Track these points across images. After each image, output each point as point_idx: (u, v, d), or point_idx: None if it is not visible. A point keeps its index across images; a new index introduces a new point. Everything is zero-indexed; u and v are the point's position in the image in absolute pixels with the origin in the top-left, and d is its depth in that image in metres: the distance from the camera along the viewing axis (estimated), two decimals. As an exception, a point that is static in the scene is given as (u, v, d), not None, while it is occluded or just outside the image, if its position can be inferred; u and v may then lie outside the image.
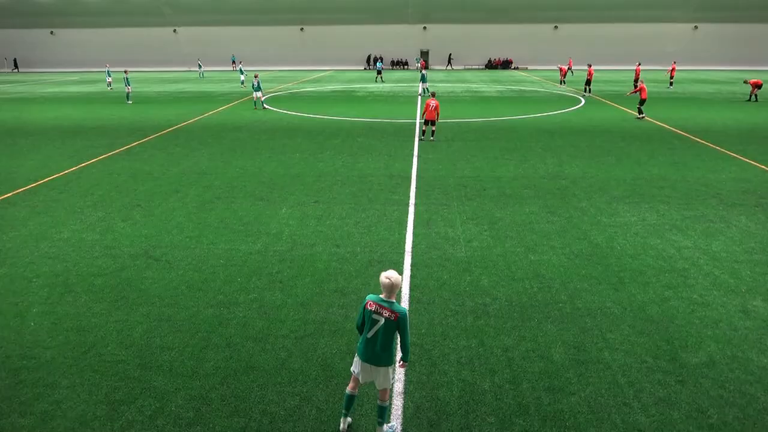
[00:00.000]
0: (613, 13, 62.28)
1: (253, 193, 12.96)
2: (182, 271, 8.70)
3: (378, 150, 17.71)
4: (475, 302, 7.61)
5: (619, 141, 18.99)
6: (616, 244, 9.63)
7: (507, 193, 12.76)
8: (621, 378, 5.92)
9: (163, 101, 33.11)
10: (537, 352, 6.41)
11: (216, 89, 40.36)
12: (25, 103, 33.34)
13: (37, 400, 5.65)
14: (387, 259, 9.05)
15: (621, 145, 18.32)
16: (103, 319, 7.24)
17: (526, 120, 24.04)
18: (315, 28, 66.47)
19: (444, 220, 10.95)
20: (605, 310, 7.37)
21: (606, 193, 12.71)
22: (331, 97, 34.81)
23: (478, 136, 20.04)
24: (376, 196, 12.59)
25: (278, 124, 23.43)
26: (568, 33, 64.15)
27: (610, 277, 8.34)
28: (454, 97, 34.05)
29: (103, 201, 12.49)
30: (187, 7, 64.53)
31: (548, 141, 19.05)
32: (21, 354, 6.46)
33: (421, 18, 64.98)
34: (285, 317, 7.26)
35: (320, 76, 52.83)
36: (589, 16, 62.84)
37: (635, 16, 62.60)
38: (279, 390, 5.79)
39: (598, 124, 22.86)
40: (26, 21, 66.64)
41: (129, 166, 15.91)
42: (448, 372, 6.07)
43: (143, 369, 6.16)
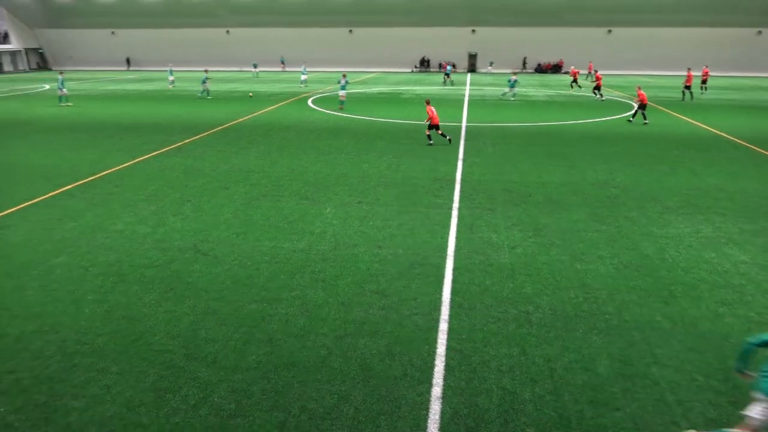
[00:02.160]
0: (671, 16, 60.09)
1: (298, 192, 13.15)
2: (228, 266, 8.92)
3: (423, 152, 17.68)
4: (518, 310, 7.49)
5: (673, 149, 18.32)
6: (667, 256, 9.29)
7: (553, 200, 12.51)
8: (669, 395, 5.71)
9: (215, 100, 34.03)
10: (581, 364, 6.25)
11: (266, 89, 41.18)
12: (85, 99, 34.89)
13: (89, 383, 5.90)
14: (429, 262, 9.01)
15: (675, 153, 17.67)
16: (153, 310, 7.50)
17: (576, 125, 23.50)
18: (363, 30, 66.92)
19: (488, 225, 10.82)
20: (654, 324, 7.13)
21: (658, 203, 12.28)
22: (378, 98, 34.97)
23: (525, 141, 19.73)
24: (419, 199, 12.57)
25: (325, 124, 23.71)
26: (622, 37, 62.35)
27: (660, 290, 8.05)
28: (502, 100, 33.62)
29: (156, 195, 12.94)
30: (240, 8, 66.10)
31: (598, 147, 18.57)
32: (76, 339, 6.77)
33: (470, 21, 64.45)
34: (326, 316, 7.33)
35: (367, 77, 53.18)
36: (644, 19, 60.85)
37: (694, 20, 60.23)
38: (318, 387, 5.85)
39: (650, 131, 22.11)
40: (88, 21, 69.80)
41: (181, 162, 16.43)
42: (488, 379, 5.99)
43: (189, 359, 6.34)
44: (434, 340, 6.75)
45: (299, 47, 67.48)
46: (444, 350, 6.54)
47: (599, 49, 62.58)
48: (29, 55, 72.34)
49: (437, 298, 7.81)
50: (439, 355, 6.43)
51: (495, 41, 64.40)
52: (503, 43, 64.12)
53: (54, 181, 14.22)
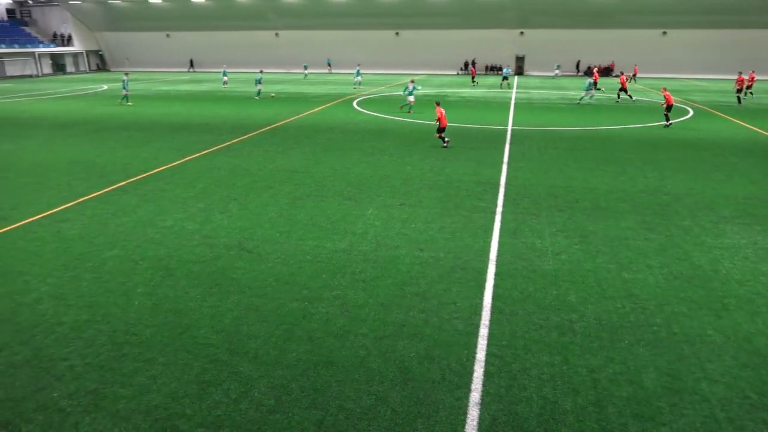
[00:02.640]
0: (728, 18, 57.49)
1: (341, 193, 13.27)
2: (271, 264, 9.08)
3: (467, 155, 17.54)
4: (561, 318, 7.33)
5: (730, 156, 17.54)
6: (721, 268, 8.90)
7: (601, 206, 12.18)
8: (720, 413, 5.46)
9: (263, 101, 34.74)
10: (626, 376, 6.06)
11: (312, 91, 41.76)
12: (140, 99, 36.26)
13: (137, 373, 6.11)
14: (470, 267, 8.93)
15: (733, 160, 16.91)
16: (198, 304, 7.71)
17: (626, 130, 22.82)
18: (410, 32, 66.98)
19: (532, 231, 10.64)
20: (705, 337, 6.84)
21: (713, 212, 11.78)
22: (423, 100, 34.89)
23: (572, 145, 19.29)
24: (462, 202, 12.47)
25: (369, 126, 23.84)
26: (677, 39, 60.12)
27: (712, 303, 7.72)
28: (549, 103, 33.01)
29: (204, 193, 13.31)
30: (289, 11, 67.28)
31: (649, 153, 17.97)
32: (125, 330, 7.03)
33: (519, 23, 63.54)
34: (366, 316, 7.37)
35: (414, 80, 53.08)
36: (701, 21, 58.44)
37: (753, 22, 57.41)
38: (356, 387, 5.88)
39: (706, 136, 21.24)
40: (145, 24, 72.57)
41: (228, 161, 16.85)
42: (528, 387, 5.88)
43: (231, 354, 6.49)
44: (474, 345, 6.68)
45: (346, 50, 68.18)
46: (483, 356, 6.46)
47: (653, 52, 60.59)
48: (90, 56, 75.81)
49: (478, 303, 7.72)
50: (479, 361, 6.36)
51: (543, 43, 63.28)
52: (552, 46, 62.93)
53: (109, 178, 14.84)
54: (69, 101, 35.51)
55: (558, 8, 60.35)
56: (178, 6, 68.78)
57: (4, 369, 6.22)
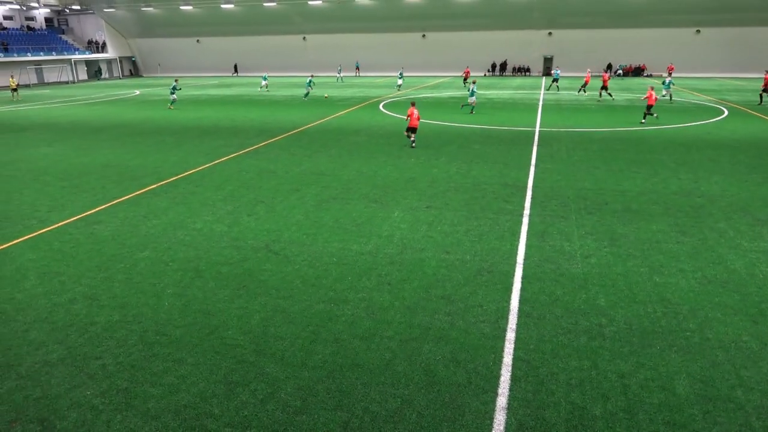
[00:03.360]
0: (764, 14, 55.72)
1: (367, 196, 13.31)
2: (298, 266, 9.16)
3: (494, 158, 17.40)
4: (590, 322, 7.20)
5: (766, 157, 17.00)
6: (758, 272, 8.63)
7: (632, 209, 11.94)
8: (755, 422, 5.29)
9: (290, 104, 35.11)
10: (657, 382, 5.92)
11: (338, 94, 42.01)
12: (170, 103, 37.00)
13: (166, 373, 6.23)
14: (497, 270, 8.85)
15: (770, 161, 16.40)
16: (226, 305, 7.82)
17: (658, 131, 22.33)
18: (437, 35, 66.91)
19: (560, 233, 10.49)
20: (741, 344, 6.63)
21: (749, 215, 11.43)
22: (449, 103, 34.79)
23: (602, 147, 18.97)
24: (489, 205, 12.38)
25: (395, 128, 23.86)
26: (711, 37, 58.61)
27: (748, 308, 7.49)
28: (578, 104, 32.53)
29: (232, 196, 13.51)
30: (316, 15, 67.92)
31: (683, 154, 17.55)
32: (156, 330, 7.18)
33: (547, 23, 62.86)
34: (391, 319, 7.36)
35: (440, 82, 53.06)
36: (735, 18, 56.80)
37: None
38: (381, 390, 5.88)
39: (742, 137, 20.64)
40: (176, 31, 74.16)
41: (256, 164, 17.06)
42: (556, 392, 5.80)
43: (258, 355, 6.56)
44: (500, 349, 6.61)
45: (373, 52, 68.46)
46: (510, 360, 6.39)
47: (685, 51, 59.18)
48: (123, 63, 77.83)
49: (505, 306, 7.65)
50: (506, 365, 6.30)
51: (572, 44, 62.48)
52: (581, 46, 62.06)
53: (140, 181, 15.18)
54: (103, 106, 36.49)
55: (586, 8, 59.49)
56: (208, 12, 70.13)
57: (40, 367, 6.41)
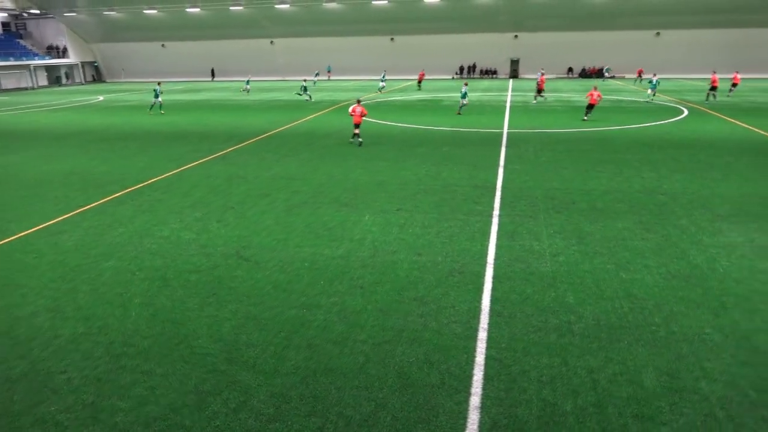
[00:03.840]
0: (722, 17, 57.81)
1: (338, 199, 13.27)
2: (269, 271, 9.07)
3: (463, 159, 17.56)
4: (560, 319, 7.32)
5: (725, 155, 17.59)
6: (718, 266, 8.91)
7: (598, 207, 12.19)
8: (719, 411, 5.46)
9: (259, 108, 34.80)
10: (625, 376, 6.05)
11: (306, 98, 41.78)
12: (135, 110, 36.30)
13: (135, 385, 6.09)
14: (468, 270, 8.92)
15: (728, 159, 16.96)
16: (196, 314, 7.69)
17: (622, 131, 22.88)
18: (405, 38, 67.23)
19: (529, 233, 10.64)
20: (704, 336, 6.83)
21: (709, 211, 11.80)
22: (418, 105, 35.00)
23: (568, 147, 19.34)
24: (459, 206, 12.48)
25: (365, 132, 23.84)
26: (671, 39, 60.42)
27: (710, 302, 7.72)
28: (545, 106, 33.09)
29: (201, 202, 13.31)
30: (284, 19, 67.51)
31: (646, 154, 18.01)
32: (122, 341, 7.01)
33: (513, 26, 63.81)
34: (364, 323, 7.35)
35: (408, 84, 53.31)
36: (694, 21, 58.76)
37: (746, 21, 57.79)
38: (355, 394, 5.86)
39: (701, 136, 21.31)
40: (140, 35, 72.74)
41: (225, 170, 16.85)
42: (528, 390, 5.87)
43: (230, 363, 6.47)
44: (473, 349, 6.67)
45: (341, 56, 68.36)
46: (483, 359, 6.45)
47: (647, 53, 60.84)
48: (85, 68, 75.92)
49: (476, 306, 7.72)
50: (478, 364, 6.35)
51: (538, 46, 63.54)
52: (546, 49, 63.19)
53: (105, 189, 14.82)
54: (65, 113, 35.54)
55: (551, 11, 60.62)
56: (173, 16, 69.01)
57: (1, 383, 6.19)
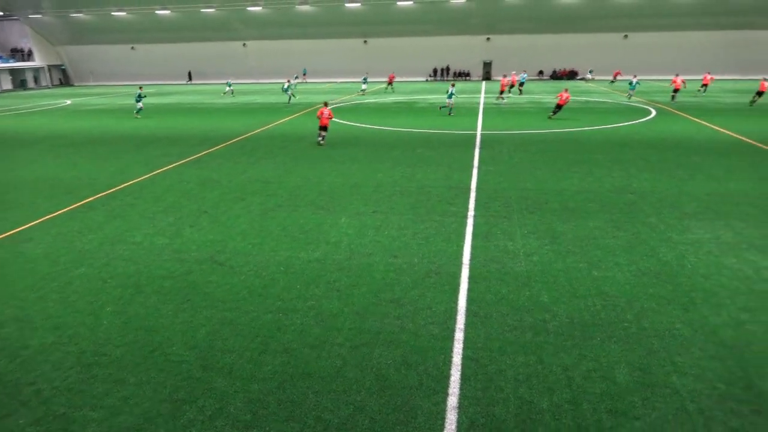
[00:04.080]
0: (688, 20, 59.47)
1: (313, 202, 13.22)
2: (244, 276, 8.98)
3: (437, 161, 17.67)
4: (535, 318, 7.42)
5: (692, 155, 18.06)
6: (687, 263, 9.14)
7: (570, 207, 12.40)
8: (690, 404, 5.60)
9: (232, 111, 34.45)
10: (599, 373, 6.16)
11: (283, 100, 41.56)
12: (105, 113, 35.59)
13: (107, 395, 5.96)
14: (444, 271, 8.98)
15: (695, 159, 17.42)
16: (170, 320, 7.57)
17: (593, 132, 23.31)
18: (378, 41, 67.39)
19: (504, 233, 10.76)
20: (674, 331, 7.00)
21: (677, 209, 12.10)
22: (392, 108, 35.09)
23: (541, 148, 19.62)
24: (434, 207, 12.55)
25: (339, 134, 23.83)
26: (638, 42, 61.87)
27: (679, 297, 7.92)
28: (518, 108, 33.52)
29: (173, 207, 13.11)
30: (255, 21, 67.02)
31: (616, 153, 18.38)
32: (94, 350, 6.86)
33: (486, 29, 64.51)
34: (341, 326, 7.34)
35: (383, 87, 53.39)
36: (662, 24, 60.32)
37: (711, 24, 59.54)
38: (333, 398, 5.85)
39: (669, 136, 21.84)
40: (109, 37, 71.36)
41: (198, 174, 16.63)
42: (505, 388, 5.93)
43: (205, 370, 6.38)
44: (450, 350, 6.71)
45: (316, 59, 68.17)
46: (460, 359, 6.50)
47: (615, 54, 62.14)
48: (52, 71, 74.11)
49: (452, 307, 7.77)
50: (455, 365, 6.39)
51: (510, 49, 64.34)
52: (518, 51, 64.02)
53: (75, 194, 14.49)
54: (31, 117, 34.64)
55: (522, 14, 61.51)
56: (143, 18, 67.89)
57: (-34, 397, 6.00)
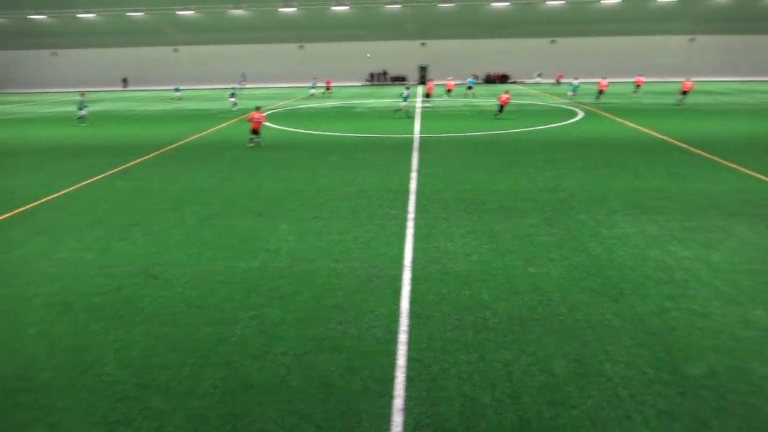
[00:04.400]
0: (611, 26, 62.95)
1: (252, 210, 12.97)
2: (181, 288, 8.68)
3: (377, 165, 17.76)
4: (475, 316, 7.58)
5: (617, 154, 19.04)
6: (615, 256, 9.61)
7: (507, 207, 12.77)
8: (622, 390, 5.87)
9: (164, 119, 33.30)
10: (537, 366, 6.37)
11: (217, 107, 40.59)
12: (26, 123, 33.55)
13: (33, 423, 5.60)
14: (386, 274, 9.02)
15: (620, 158, 18.36)
16: (101, 339, 7.21)
17: (526, 133, 24.14)
18: (314, 45, 67.13)
19: (443, 234, 10.94)
20: (605, 322, 7.34)
21: (604, 206, 12.70)
22: (330, 113, 35.03)
23: (477, 150, 20.11)
24: (375, 211, 12.60)
25: (277, 140, 23.53)
26: (565, 47, 64.76)
27: (609, 289, 8.31)
28: (454, 111, 34.23)
29: (102, 220, 12.51)
30: (188, 25, 65.24)
31: (548, 154, 19.10)
32: (18, 375, 6.43)
33: (420, 34, 65.61)
34: (284, 334, 7.22)
35: (319, 92, 53.14)
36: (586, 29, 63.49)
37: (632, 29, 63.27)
38: (277, 408, 5.74)
39: (595, 136, 22.93)
40: (27, 42, 67.37)
41: (128, 184, 15.96)
42: (449, 387, 6.02)
43: (141, 389, 6.11)
44: (394, 352, 6.74)
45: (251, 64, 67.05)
46: (404, 361, 6.54)
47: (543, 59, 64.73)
48: (-37, 79, 69.15)
49: (395, 310, 7.81)
50: (400, 367, 6.43)
51: (444, 54, 65.71)
52: (453, 56, 65.48)
53: (-8, 210, 13.55)
54: (-60, 128, 32.13)
55: (455, 20, 63.06)
56: (65, 22, 64.62)
57: None
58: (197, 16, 63.65)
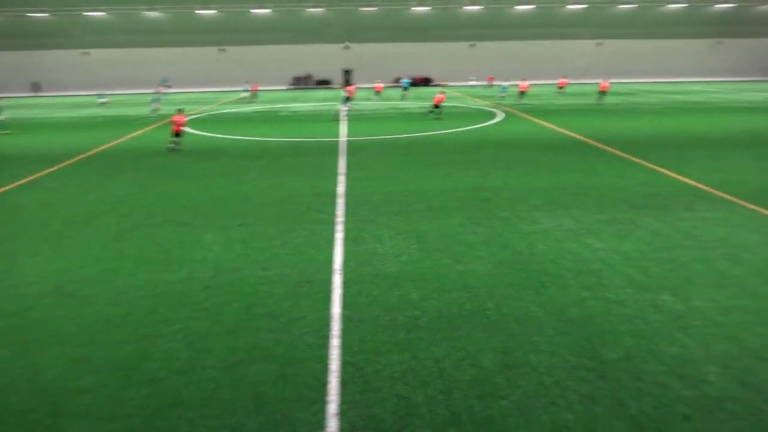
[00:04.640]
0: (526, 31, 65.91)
1: (174, 220, 12.48)
2: (99, 306, 8.21)
3: (304, 170, 17.61)
4: (406, 316, 7.67)
5: (535, 152, 19.92)
6: (536, 251, 10.04)
7: (434, 207, 13.02)
8: (547, 379, 6.14)
9: (78, 126, 31.37)
10: (467, 361, 6.53)
11: (133, 113, 38.75)
12: None
13: (-68, 460, 5.11)
14: (316, 279, 8.96)
15: (537, 156, 19.22)
16: (9, 365, 6.68)
17: (450, 134, 24.74)
18: (236, 49, 65.62)
19: (372, 237, 11.00)
20: (530, 314, 7.64)
21: (526, 203, 13.25)
22: (254, 117, 34.35)
23: (404, 152, 20.39)
24: (303, 216, 12.48)
25: (200, 146, 22.80)
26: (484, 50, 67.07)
27: (532, 283, 8.67)
28: (380, 114, 34.52)
29: (7, 238, 11.60)
30: (98, 28, 61.86)
31: (471, 154, 19.67)
32: None
33: (344, 38, 65.73)
34: (212, 346, 7.00)
35: (242, 96, 51.99)
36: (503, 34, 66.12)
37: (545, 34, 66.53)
38: (208, 423, 5.55)
39: (515, 137, 23.89)
40: None
41: (36, 197, 14.89)
42: (382, 388, 6.06)
43: (56, 416, 5.72)
44: (327, 357, 6.70)
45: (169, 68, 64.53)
46: (337, 365, 6.51)
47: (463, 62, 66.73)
48: None
49: (327, 314, 7.77)
50: (333, 371, 6.40)
51: (368, 57, 66.19)
52: (377, 59, 66.08)
53: None
54: None
55: (378, 24, 63.74)
56: (-45, 23, 59.52)
57: None
58: (108, 18, 60.51)
